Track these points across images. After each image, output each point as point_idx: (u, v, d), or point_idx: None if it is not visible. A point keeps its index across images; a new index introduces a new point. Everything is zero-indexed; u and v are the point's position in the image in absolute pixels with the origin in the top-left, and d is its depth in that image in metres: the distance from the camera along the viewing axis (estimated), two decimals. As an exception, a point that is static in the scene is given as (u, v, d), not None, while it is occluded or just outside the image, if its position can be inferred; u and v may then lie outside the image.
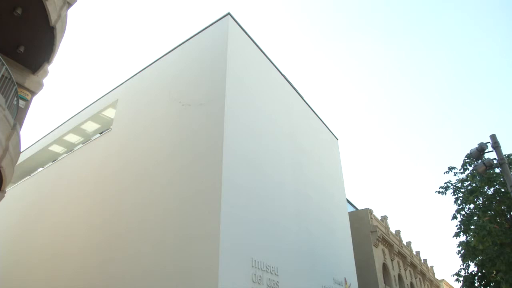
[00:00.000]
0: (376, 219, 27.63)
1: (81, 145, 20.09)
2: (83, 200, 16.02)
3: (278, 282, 11.96)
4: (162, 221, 11.95)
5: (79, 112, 20.86)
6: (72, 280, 14.00)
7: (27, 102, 10.38)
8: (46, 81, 11.20)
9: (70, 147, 21.72)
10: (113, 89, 19.12)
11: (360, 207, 29.45)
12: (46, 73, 11.04)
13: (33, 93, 10.67)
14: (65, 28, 10.37)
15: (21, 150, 9.81)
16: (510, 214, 15.95)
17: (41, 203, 18.94)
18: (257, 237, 11.89)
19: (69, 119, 21.38)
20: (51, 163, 21.51)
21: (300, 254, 14.41)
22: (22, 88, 10.28)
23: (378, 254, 25.36)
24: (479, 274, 17.34)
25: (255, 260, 11.20)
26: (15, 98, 8.77)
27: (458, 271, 17.73)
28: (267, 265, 11.70)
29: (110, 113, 18.99)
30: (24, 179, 22.19)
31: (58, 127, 22.04)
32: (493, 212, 15.93)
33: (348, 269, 18.84)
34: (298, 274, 13.75)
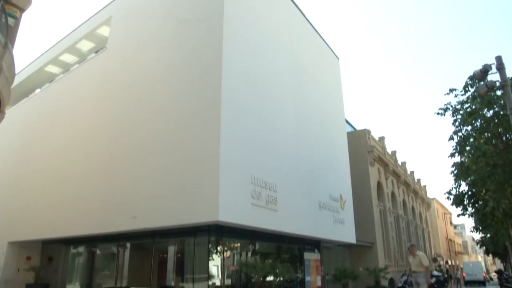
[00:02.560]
0: (374, 139, 28.06)
1: (77, 65, 19.67)
2: (82, 122, 16.08)
3: (276, 198, 12.51)
4: (163, 140, 12.13)
5: (73, 31, 20.06)
6: (74, 204, 14.61)
7: (17, 19, 9.93)
8: (34, -4, 10.59)
9: (66, 67, 21.28)
10: (106, 6, 18.18)
11: (358, 128, 29.74)
12: (33, -13, 10.40)
13: (21, 9, 10.15)
14: None
15: (17, 72, 9.63)
16: (506, 136, 16.13)
17: (40, 126, 19.04)
18: (257, 155, 12.18)
19: (63, 38, 20.62)
20: (48, 84, 21.25)
21: (298, 172, 14.88)
22: (10, 4, 9.74)
23: (374, 173, 26.20)
24: (469, 193, 18.09)
25: (254, 177, 11.59)
26: (3, 15, 8.38)
27: (450, 190, 18.49)
28: (266, 182, 12.14)
29: (104, 31, 18.25)
30: (22, 101, 22.09)
31: (53, 46, 21.35)
32: (489, 134, 16.10)
33: (344, 186, 19.60)
34: (295, 190, 14.34)
